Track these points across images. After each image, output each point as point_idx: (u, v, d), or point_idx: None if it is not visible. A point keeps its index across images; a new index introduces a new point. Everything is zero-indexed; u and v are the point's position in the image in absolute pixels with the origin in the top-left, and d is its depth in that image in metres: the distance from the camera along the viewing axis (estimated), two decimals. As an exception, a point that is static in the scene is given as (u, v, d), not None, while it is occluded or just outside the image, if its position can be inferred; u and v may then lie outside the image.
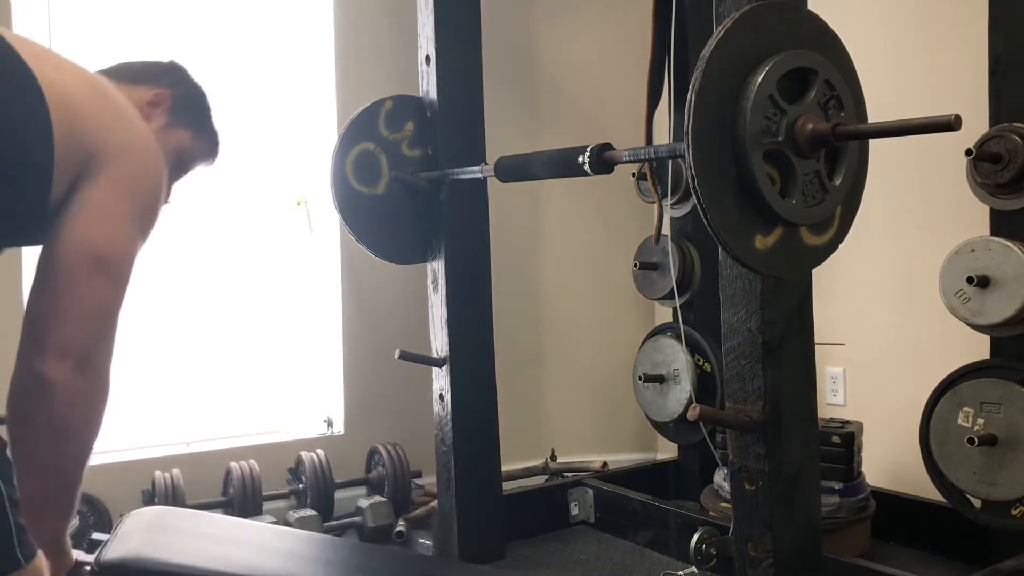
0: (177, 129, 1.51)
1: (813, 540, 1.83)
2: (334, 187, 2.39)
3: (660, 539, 2.53)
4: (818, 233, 1.60)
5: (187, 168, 1.58)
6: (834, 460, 2.36)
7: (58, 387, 1.18)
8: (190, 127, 1.54)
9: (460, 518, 2.43)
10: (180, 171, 1.56)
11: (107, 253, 1.24)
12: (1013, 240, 2.04)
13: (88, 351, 1.21)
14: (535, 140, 3.16)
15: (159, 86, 1.49)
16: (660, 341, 2.74)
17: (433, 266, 2.51)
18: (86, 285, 1.21)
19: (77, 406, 1.21)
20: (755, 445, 1.74)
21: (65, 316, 1.20)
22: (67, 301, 1.20)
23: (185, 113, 1.52)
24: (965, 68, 2.41)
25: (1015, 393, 2.02)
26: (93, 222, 1.23)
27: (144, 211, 1.30)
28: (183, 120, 1.52)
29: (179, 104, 1.51)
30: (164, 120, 1.49)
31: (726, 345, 1.79)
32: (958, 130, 1.35)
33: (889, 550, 2.48)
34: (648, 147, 1.83)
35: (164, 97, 1.49)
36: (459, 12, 2.48)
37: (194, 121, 1.55)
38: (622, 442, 3.40)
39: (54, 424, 1.20)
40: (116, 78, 1.46)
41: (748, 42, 1.46)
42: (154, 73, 1.52)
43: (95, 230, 1.23)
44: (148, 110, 1.46)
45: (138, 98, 1.46)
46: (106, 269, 1.23)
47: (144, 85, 1.48)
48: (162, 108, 1.49)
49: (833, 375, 2.87)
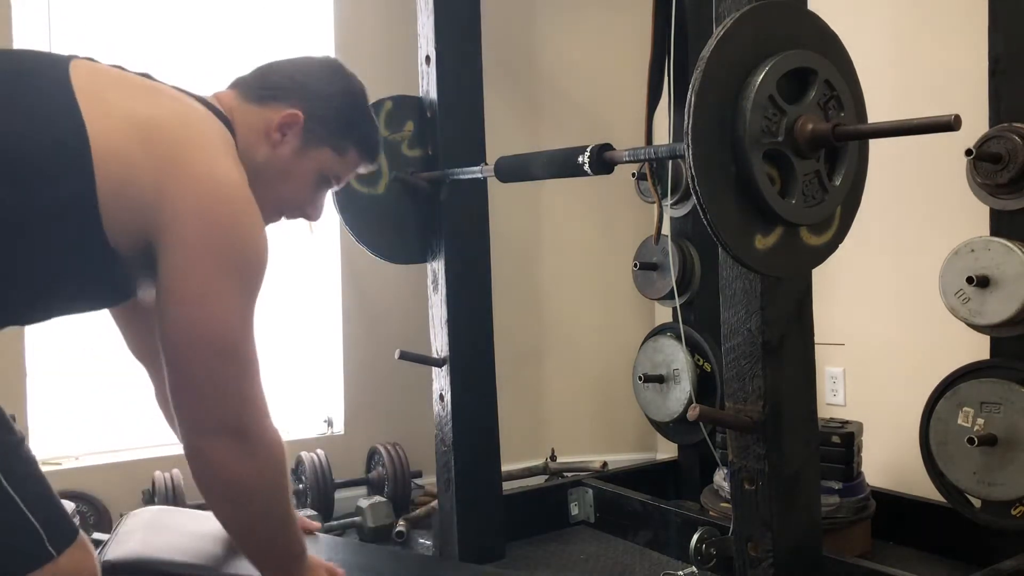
0: (315, 149, 1.39)
1: (813, 540, 1.83)
2: (334, 187, 2.39)
3: (660, 539, 2.53)
4: (818, 233, 1.60)
5: (337, 181, 1.46)
6: (834, 460, 2.36)
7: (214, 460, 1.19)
8: (330, 145, 1.40)
9: (460, 518, 2.43)
10: (326, 185, 1.45)
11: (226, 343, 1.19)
12: (1013, 240, 2.04)
13: (235, 423, 1.20)
14: (535, 140, 3.16)
15: (289, 105, 1.36)
16: (660, 341, 2.74)
17: (433, 266, 2.51)
18: (208, 370, 1.18)
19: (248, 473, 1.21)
20: (755, 445, 1.74)
21: (201, 397, 1.19)
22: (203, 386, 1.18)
23: (321, 130, 1.39)
24: (965, 68, 2.41)
25: (1015, 393, 2.02)
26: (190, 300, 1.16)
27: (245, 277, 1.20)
28: (320, 139, 1.39)
29: (313, 122, 1.37)
30: (297, 142, 1.37)
31: (726, 345, 1.79)
32: (958, 130, 1.35)
33: (889, 550, 2.48)
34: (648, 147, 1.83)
35: (294, 119, 1.36)
36: (459, 12, 2.48)
37: (334, 137, 1.41)
38: (622, 442, 3.40)
39: (232, 495, 1.22)
40: (244, 97, 1.37)
41: (748, 42, 1.46)
42: (285, 90, 1.38)
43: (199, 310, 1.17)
44: (276, 135, 1.35)
45: (265, 120, 1.35)
46: (225, 354, 1.18)
47: (272, 105, 1.36)
48: (294, 130, 1.36)
49: (833, 375, 2.87)
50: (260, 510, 1.25)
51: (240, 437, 1.20)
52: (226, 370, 1.19)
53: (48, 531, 1.09)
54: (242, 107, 1.36)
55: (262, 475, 1.23)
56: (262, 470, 1.22)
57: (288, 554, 1.33)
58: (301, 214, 1.46)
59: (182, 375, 1.18)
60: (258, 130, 1.35)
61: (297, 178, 1.39)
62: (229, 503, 1.24)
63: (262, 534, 1.28)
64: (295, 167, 1.38)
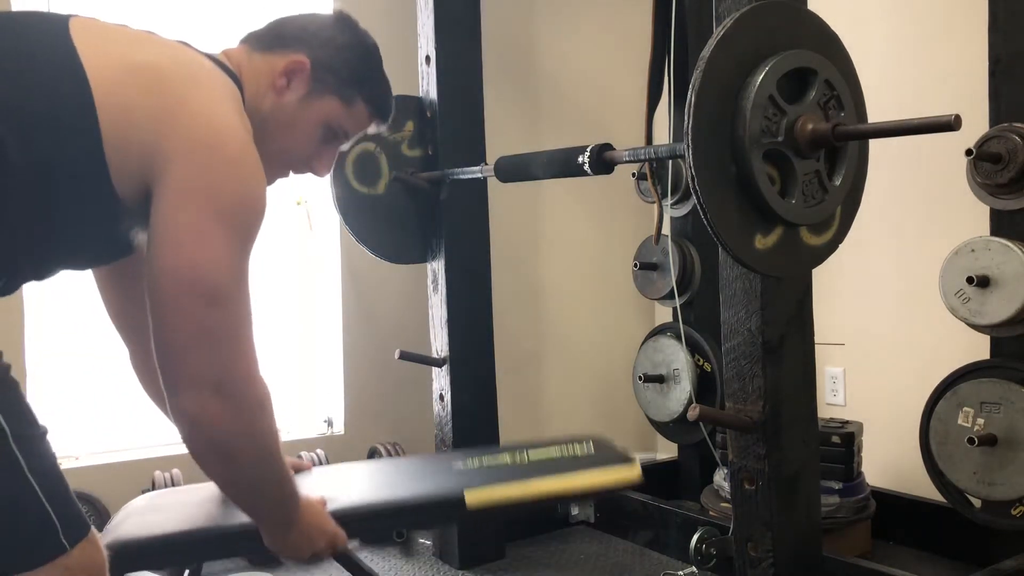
0: (321, 98, 1.34)
1: (813, 540, 1.83)
2: (334, 187, 2.39)
3: (660, 539, 2.53)
4: (818, 233, 1.60)
5: (345, 136, 1.41)
6: (834, 460, 2.36)
7: (201, 419, 1.14)
8: (338, 95, 1.36)
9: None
10: (333, 139, 1.40)
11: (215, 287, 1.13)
12: (1013, 240, 2.04)
13: (221, 376, 1.13)
14: (535, 140, 3.16)
15: (296, 52, 1.33)
16: (660, 341, 2.74)
17: (433, 266, 2.51)
18: (194, 318, 1.12)
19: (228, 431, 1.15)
20: (755, 445, 1.75)
21: (182, 352, 1.12)
22: (184, 334, 1.12)
23: (330, 79, 1.34)
24: (965, 68, 2.41)
25: (1015, 393, 2.02)
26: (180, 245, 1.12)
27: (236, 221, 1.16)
28: (327, 88, 1.35)
29: (320, 70, 1.33)
30: (303, 90, 1.33)
31: (726, 345, 1.79)
32: (958, 130, 1.35)
33: (889, 550, 2.48)
34: (648, 147, 1.83)
35: (300, 65, 1.32)
36: (459, 12, 2.48)
37: (343, 87, 1.36)
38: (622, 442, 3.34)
39: (219, 452, 1.18)
40: (253, 46, 1.35)
41: (748, 42, 1.47)
42: (295, 38, 1.35)
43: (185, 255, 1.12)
44: (281, 81, 1.32)
45: (270, 66, 1.32)
46: (209, 300, 1.12)
47: (279, 52, 1.33)
48: (300, 77, 1.32)
49: (833, 375, 2.87)
50: (251, 466, 1.21)
51: (227, 393, 1.14)
52: (213, 318, 1.12)
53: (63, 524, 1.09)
54: (251, 58, 1.34)
55: (251, 431, 1.18)
56: (251, 426, 1.17)
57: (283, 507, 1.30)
58: (307, 168, 1.41)
59: (168, 325, 1.12)
60: (264, 78, 1.33)
61: (302, 128, 1.36)
62: (218, 461, 1.20)
63: (255, 489, 1.26)
64: (300, 116, 1.34)
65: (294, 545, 1.34)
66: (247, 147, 1.19)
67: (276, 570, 2.50)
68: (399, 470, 1.83)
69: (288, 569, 2.51)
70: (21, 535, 1.07)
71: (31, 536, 1.07)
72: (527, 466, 1.63)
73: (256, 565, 2.52)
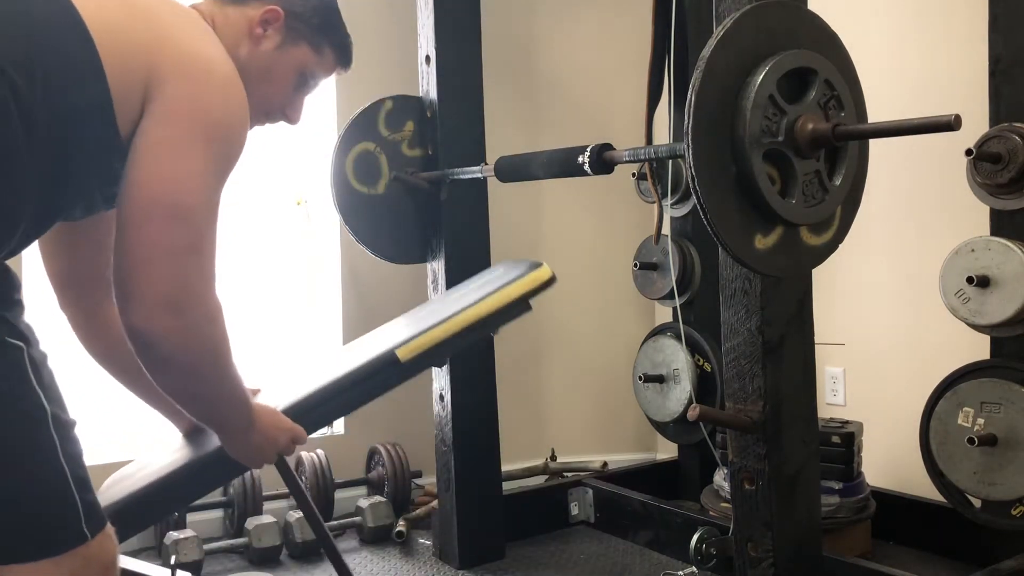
0: (294, 45, 1.42)
1: (813, 540, 1.83)
2: (334, 187, 2.39)
3: (660, 539, 2.53)
4: (818, 233, 1.60)
5: (314, 81, 1.50)
6: (834, 460, 2.36)
7: (155, 336, 1.14)
8: (308, 41, 1.43)
9: (460, 518, 2.43)
10: (304, 86, 1.48)
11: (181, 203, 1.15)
12: (1013, 240, 2.04)
13: (175, 295, 1.14)
14: (535, 140, 3.16)
15: (269, 2, 1.39)
16: (660, 341, 2.74)
17: (433, 266, 2.51)
18: (158, 231, 1.13)
19: (180, 346, 1.17)
20: (755, 445, 1.75)
21: (142, 265, 1.13)
22: (145, 247, 1.13)
23: (302, 27, 1.42)
24: (965, 68, 2.41)
25: (1015, 393, 2.02)
26: (156, 159, 1.15)
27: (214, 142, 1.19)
28: (299, 35, 1.42)
29: (292, 19, 1.41)
30: (278, 38, 1.40)
31: (726, 345, 1.79)
32: (958, 130, 1.35)
33: (889, 550, 2.48)
34: (648, 147, 1.83)
35: (275, 14, 1.39)
36: (459, 12, 2.48)
37: (313, 34, 1.44)
38: (622, 442, 3.40)
39: (171, 366, 1.19)
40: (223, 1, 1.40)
41: (748, 42, 1.47)
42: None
43: (159, 168, 1.14)
44: (258, 30, 1.38)
45: (248, 17, 1.38)
46: (175, 213, 1.14)
47: (252, 3, 1.39)
48: (275, 26, 1.39)
49: (833, 375, 2.87)
50: (204, 380, 1.24)
51: (179, 309, 1.15)
52: (177, 233, 1.14)
53: (86, 514, 1.10)
54: (222, 10, 1.39)
55: (203, 346, 1.20)
56: (203, 341, 1.19)
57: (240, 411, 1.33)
58: (282, 116, 1.48)
59: (131, 238, 1.13)
60: (240, 28, 1.38)
61: (279, 75, 1.42)
62: (172, 376, 1.22)
63: (212, 401, 1.29)
64: (276, 63, 1.41)
65: (258, 447, 1.38)
66: (233, 76, 1.25)
67: (276, 570, 2.50)
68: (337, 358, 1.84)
69: (288, 569, 2.51)
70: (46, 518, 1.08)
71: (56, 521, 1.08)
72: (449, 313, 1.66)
73: (255, 565, 2.52)
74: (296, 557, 2.56)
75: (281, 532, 2.57)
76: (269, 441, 1.40)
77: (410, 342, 1.58)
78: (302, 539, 2.54)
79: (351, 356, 1.76)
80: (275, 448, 1.42)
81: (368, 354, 1.64)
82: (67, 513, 1.08)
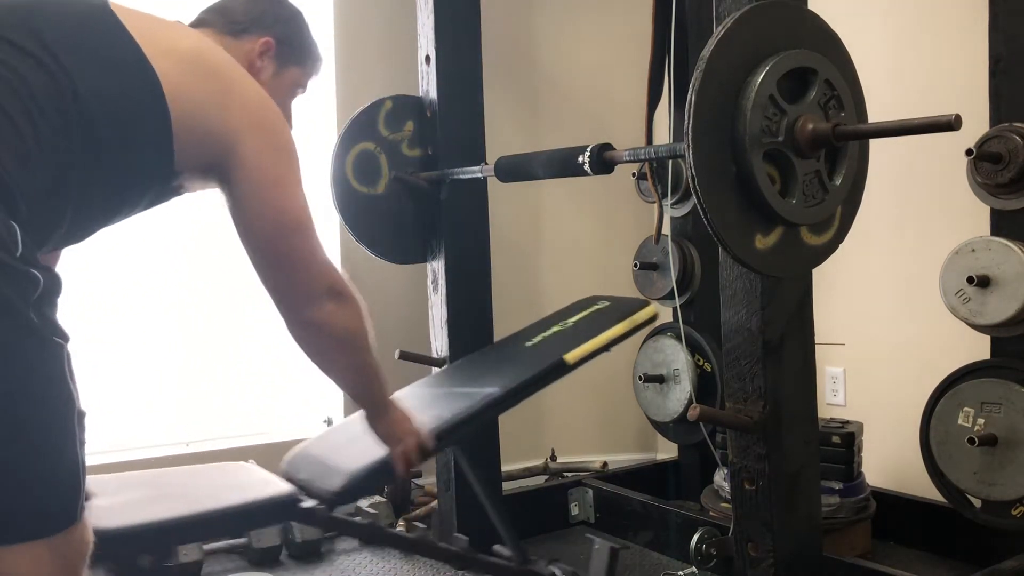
0: (287, 69, 1.57)
1: (813, 540, 1.83)
2: (334, 187, 2.39)
3: (660, 539, 2.53)
4: (818, 233, 1.60)
5: (302, 92, 1.65)
6: (834, 460, 2.36)
7: (328, 321, 1.42)
8: (297, 63, 1.59)
9: (460, 518, 2.43)
10: (293, 98, 1.63)
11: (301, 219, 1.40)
12: (1013, 240, 2.04)
13: (330, 283, 1.42)
14: (535, 140, 3.16)
15: (261, 34, 1.52)
16: (660, 341, 2.74)
17: (433, 266, 2.51)
18: (297, 245, 1.39)
19: (352, 323, 1.45)
20: (755, 445, 1.75)
21: (295, 269, 1.40)
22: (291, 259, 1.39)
23: (289, 51, 1.56)
24: (965, 68, 2.41)
25: (1015, 393, 2.02)
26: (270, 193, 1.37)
27: (296, 165, 1.42)
28: (289, 59, 1.57)
29: (283, 45, 1.55)
30: (274, 66, 1.55)
31: (726, 345, 1.79)
32: (958, 130, 1.35)
33: (889, 550, 2.48)
34: (648, 147, 1.84)
35: (269, 45, 1.53)
36: (459, 12, 2.48)
37: (299, 55, 1.59)
38: (622, 442, 3.40)
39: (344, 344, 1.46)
40: (220, 32, 1.51)
41: (748, 42, 1.47)
42: (253, 21, 1.53)
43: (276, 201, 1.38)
44: (258, 62, 1.52)
45: (246, 51, 1.51)
46: (302, 229, 1.40)
47: (247, 36, 1.52)
48: (269, 55, 1.53)
49: (833, 375, 2.87)
50: (365, 350, 1.49)
51: (337, 296, 1.43)
52: (307, 242, 1.41)
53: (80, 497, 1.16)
54: (225, 43, 1.48)
55: (361, 320, 1.46)
56: (359, 317, 1.46)
57: (383, 388, 1.57)
58: None
59: (274, 256, 1.39)
60: (241, 62, 1.48)
61: (279, 98, 1.54)
62: (344, 353, 1.47)
63: (367, 372, 1.52)
64: (276, 88, 1.54)
65: (397, 422, 1.60)
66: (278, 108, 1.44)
67: (276, 570, 2.50)
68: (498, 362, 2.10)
69: (288, 569, 2.51)
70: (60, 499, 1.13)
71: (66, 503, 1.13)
72: (578, 328, 2.05)
73: (255, 565, 2.52)
74: (296, 557, 2.56)
75: (281, 532, 2.57)
76: (402, 427, 1.60)
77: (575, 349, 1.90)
78: (302, 539, 2.54)
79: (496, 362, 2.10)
80: (406, 432, 1.59)
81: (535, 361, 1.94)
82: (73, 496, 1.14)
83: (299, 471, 1.74)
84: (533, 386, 1.86)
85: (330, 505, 1.65)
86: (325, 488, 1.64)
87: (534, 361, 1.94)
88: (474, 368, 2.14)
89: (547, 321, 2.20)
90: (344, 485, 1.62)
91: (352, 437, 1.80)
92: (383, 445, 1.65)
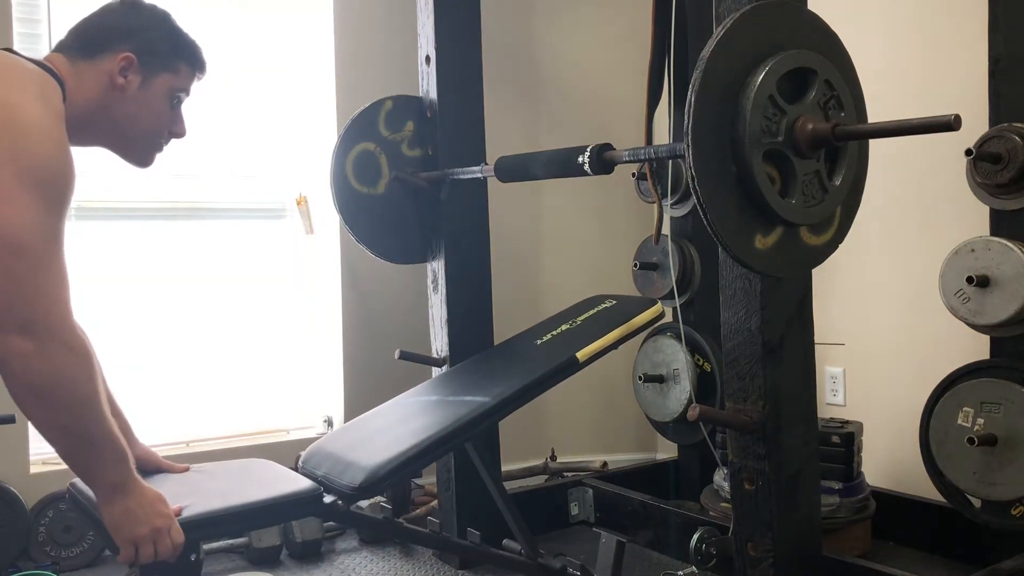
0: (155, 77, 1.54)
1: (813, 540, 1.83)
2: (334, 187, 2.39)
3: (660, 539, 2.52)
4: (818, 233, 1.60)
5: (186, 95, 1.61)
6: (834, 460, 2.36)
7: (10, 358, 1.24)
8: (166, 69, 1.55)
9: (460, 518, 2.43)
10: (178, 102, 1.60)
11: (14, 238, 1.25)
12: (1013, 240, 2.04)
13: (26, 318, 1.24)
14: (535, 140, 3.16)
15: (118, 50, 1.50)
16: (660, 341, 2.74)
17: (433, 266, 2.51)
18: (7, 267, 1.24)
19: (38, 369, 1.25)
20: (755, 445, 1.75)
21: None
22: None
23: (154, 60, 1.54)
24: (965, 68, 2.41)
25: (1015, 393, 2.02)
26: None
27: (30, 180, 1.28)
28: (156, 67, 1.54)
29: (145, 56, 1.52)
30: (139, 79, 1.52)
31: (726, 345, 1.79)
32: (958, 130, 1.35)
33: (889, 550, 2.48)
34: (648, 147, 1.83)
35: (129, 60, 1.50)
36: (459, 12, 2.48)
37: (167, 61, 1.56)
38: (622, 442, 3.40)
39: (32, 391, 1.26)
40: (75, 56, 1.49)
41: (748, 42, 1.47)
42: (108, 39, 1.51)
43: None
44: (120, 80, 1.49)
45: (106, 71, 1.49)
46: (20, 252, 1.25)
47: (104, 55, 1.50)
48: (132, 69, 1.51)
49: (833, 375, 2.87)
50: (67, 411, 1.29)
51: (34, 335, 1.24)
52: (19, 266, 1.24)
53: None
54: (75, 68, 1.48)
55: (61, 372, 1.26)
56: (60, 367, 1.26)
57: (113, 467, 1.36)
58: (172, 135, 1.61)
59: None
60: (100, 82, 1.49)
61: (152, 108, 1.55)
62: (34, 402, 1.27)
63: (78, 440, 1.32)
64: (147, 99, 1.53)
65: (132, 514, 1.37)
66: (43, 122, 1.34)
67: (276, 570, 2.50)
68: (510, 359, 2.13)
69: (288, 569, 2.51)
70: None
71: None
72: (587, 326, 2.10)
73: (255, 565, 2.52)
74: (296, 557, 2.56)
75: (281, 532, 2.57)
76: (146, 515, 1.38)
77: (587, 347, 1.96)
78: (302, 539, 2.54)
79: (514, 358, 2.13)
80: (149, 525, 1.37)
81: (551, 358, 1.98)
82: None
83: (318, 467, 1.76)
84: (546, 382, 1.89)
85: (350, 500, 1.66)
86: (346, 484, 1.65)
87: (546, 358, 1.97)
88: (487, 365, 2.17)
89: (555, 319, 2.22)
90: (364, 480, 1.63)
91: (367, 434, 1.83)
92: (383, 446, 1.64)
